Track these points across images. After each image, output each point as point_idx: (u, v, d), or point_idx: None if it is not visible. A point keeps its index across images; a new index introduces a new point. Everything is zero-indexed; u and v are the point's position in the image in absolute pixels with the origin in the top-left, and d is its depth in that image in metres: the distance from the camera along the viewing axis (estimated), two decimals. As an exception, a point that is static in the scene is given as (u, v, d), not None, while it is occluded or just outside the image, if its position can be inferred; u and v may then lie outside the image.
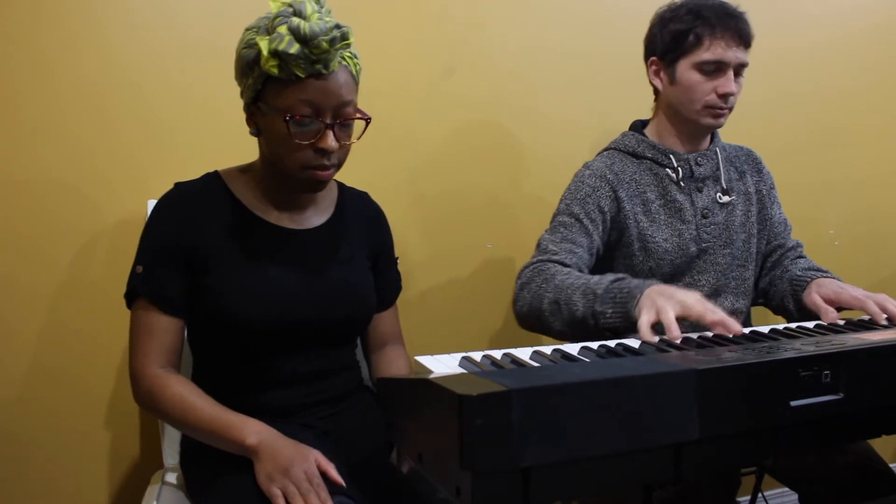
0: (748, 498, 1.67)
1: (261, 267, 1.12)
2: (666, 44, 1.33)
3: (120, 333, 1.39)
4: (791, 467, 1.34)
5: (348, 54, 1.05)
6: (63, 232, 1.38)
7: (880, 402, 0.82)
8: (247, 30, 1.05)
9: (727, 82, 1.30)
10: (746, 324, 1.43)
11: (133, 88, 1.40)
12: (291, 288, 1.12)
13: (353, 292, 1.19)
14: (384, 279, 1.30)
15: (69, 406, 1.41)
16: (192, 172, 1.18)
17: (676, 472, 0.70)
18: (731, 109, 1.34)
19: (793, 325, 1.10)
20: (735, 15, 1.30)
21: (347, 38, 1.01)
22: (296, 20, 0.98)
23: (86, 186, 1.38)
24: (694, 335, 1.01)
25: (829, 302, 1.26)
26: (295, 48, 0.97)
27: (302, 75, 1.00)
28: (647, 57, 1.40)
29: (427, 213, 1.66)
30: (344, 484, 1.00)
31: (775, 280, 1.45)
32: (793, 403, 0.75)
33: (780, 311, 1.41)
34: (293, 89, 1.01)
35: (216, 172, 1.17)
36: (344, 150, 1.10)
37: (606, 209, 1.33)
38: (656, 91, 1.41)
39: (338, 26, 1.00)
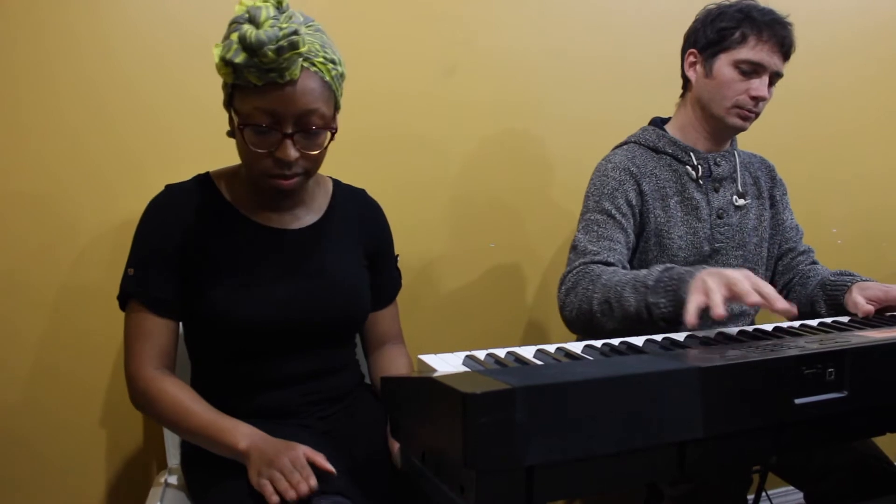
0: (752, 496, 1.67)
1: (250, 268, 1.11)
2: (709, 38, 1.33)
3: (122, 334, 1.39)
4: (796, 465, 1.34)
5: (319, 60, 1.01)
6: (65, 233, 1.38)
7: (884, 399, 0.81)
8: None
9: (761, 86, 1.30)
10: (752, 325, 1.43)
11: (134, 89, 1.40)
12: (281, 288, 1.12)
13: (345, 291, 1.18)
14: (382, 277, 1.29)
15: (71, 407, 1.41)
16: (194, 172, 1.18)
17: (680, 470, 0.70)
18: (757, 115, 1.34)
19: (796, 324, 1.10)
20: (784, 24, 1.30)
21: (297, 48, 0.96)
22: (246, 27, 0.95)
23: (87, 187, 1.38)
24: (700, 333, 1.01)
25: (878, 301, 1.24)
26: (241, 57, 0.95)
27: (258, 83, 0.98)
28: (685, 49, 1.40)
29: (430, 213, 1.66)
30: (335, 471, 1.00)
31: (794, 285, 1.45)
32: (797, 401, 0.75)
33: (806, 316, 1.39)
34: (253, 97, 0.99)
35: (207, 174, 1.17)
36: (311, 159, 1.06)
37: (634, 202, 1.33)
38: (686, 85, 1.41)
39: (295, 33, 0.95)
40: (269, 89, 0.98)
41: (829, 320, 1.15)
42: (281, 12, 0.97)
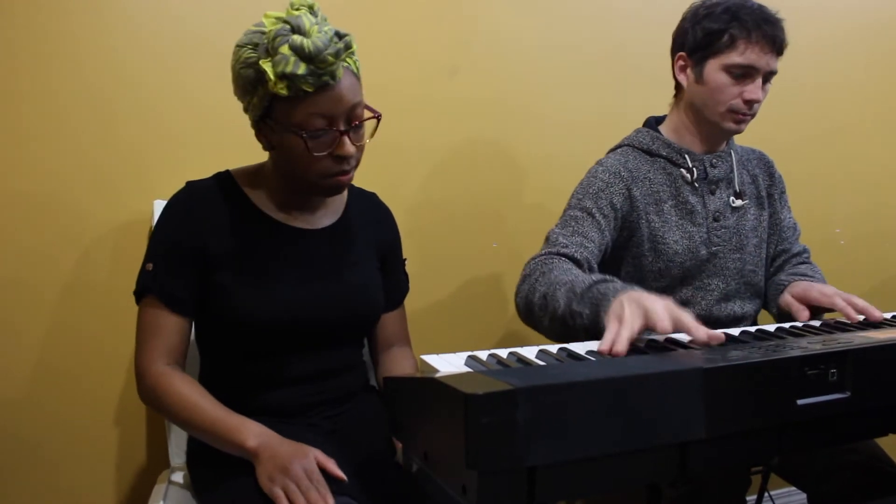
0: (755, 497, 1.67)
1: (270, 266, 1.12)
2: (697, 41, 1.30)
3: (126, 334, 1.39)
4: (799, 466, 1.34)
5: (348, 54, 1.04)
6: (67, 232, 1.38)
7: (887, 400, 0.81)
8: (238, 46, 1.03)
9: (755, 89, 1.27)
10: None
11: (136, 89, 1.40)
12: (300, 287, 1.13)
13: (362, 292, 1.20)
14: (392, 279, 1.30)
15: (75, 407, 1.41)
16: (198, 172, 1.18)
17: (682, 471, 0.70)
18: (753, 116, 1.32)
19: (799, 324, 1.10)
20: (773, 21, 1.26)
21: (351, 47, 1.00)
22: (297, 38, 0.96)
23: (90, 188, 1.39)
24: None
25: (799, 300, 1.28)
26: (302, 68, 0.96)
27: (310, 90, 0.99)
28: (674, 51, 1.37)
29: (432, 214, 1.66)
30: (346, 478, 1.01)
31: (770, 285, 1.45)
32: (799, 402, 0.75)
33: (774, 316, 1.41)
34: (303, 105, 1.00)
35: (227, 172, 1.18)
36: (360, 151, 1.10)
37: (619, 206, 1.31)
38: (678, 87, 1.38)
39: (338, 35, 0.99)
40: (319, 93, 1.00)
41: (831, 321, 1.15)
42: (316, 16, 1.00)
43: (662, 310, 0.91)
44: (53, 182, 1.37)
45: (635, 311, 0.91)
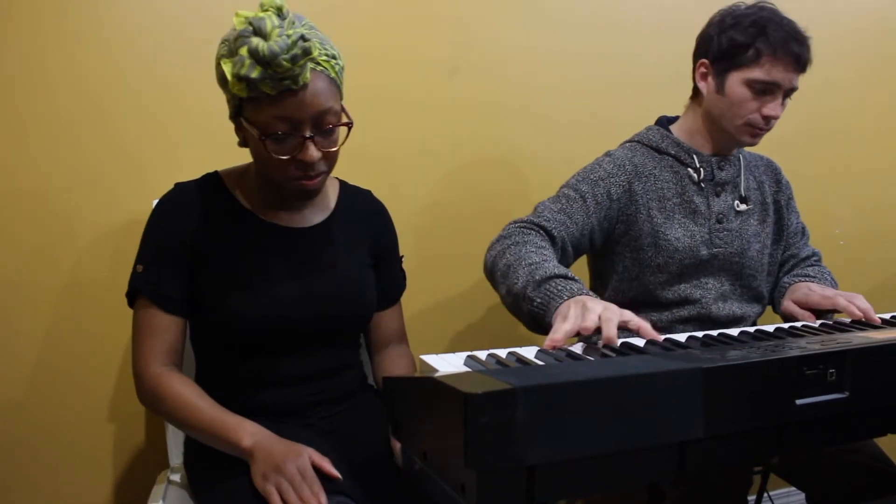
0: (754, 497, 1.67)
1: (258, 265, 1.12)
2: (722, 50, 1.28)
3: (124, 334, 1.39)
4: (799, 467, 1.34)
5: (323, 59, 1.01)
6: (65, 233, 1.38)
7: (886, 400, 0.81)
8: (220, 42, 1.02)
9: (775, 106, 1.27)
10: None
11: (134, 90, 1.40)
12: (289, 286, 1.13)
13: (352, 290, 1.19)
14: (387, 277, 1.30)
15: (74, 407, 1.41)
16: (195, 172, 1.18)
17: (681, 470, 0.70)
18: (769, 130, 1.31)
19: (798, 324, 1.10)
20: (800, 39, 1.25)
21: (310, 53, 0.96)
22: (255, 41, 0.94)
23: (88, 189, 1.39)
24: (699, 334, 1.01)
25: (801, 306, 1.29)
26: (256, 72, 0.95)
27: (272, 93, 0.97)
28: (697, 57, 1.35)
29: (432, 215, 1.66)
30: (340, 477, 1.01)
31: (776, 288, 1.46)
32: (798, 402, 0.75)
33: (782, 319, 1.41)
34: (267, 106, 0.99)
35: (216, 172, 1.18)
36: (331, 156, 1.07)
37: (616, 197, 1.32)
38: (696, 92, 1.37)
39: (303, 38, 0.96)
40: (283, 97, 0.98)
41: (830, 321, 1.15)
42: (283, 19, 0.97)
43: (598, 319, 0.93)
44: (52, 183, 1.37)
45: (577, 313, 0.94)
